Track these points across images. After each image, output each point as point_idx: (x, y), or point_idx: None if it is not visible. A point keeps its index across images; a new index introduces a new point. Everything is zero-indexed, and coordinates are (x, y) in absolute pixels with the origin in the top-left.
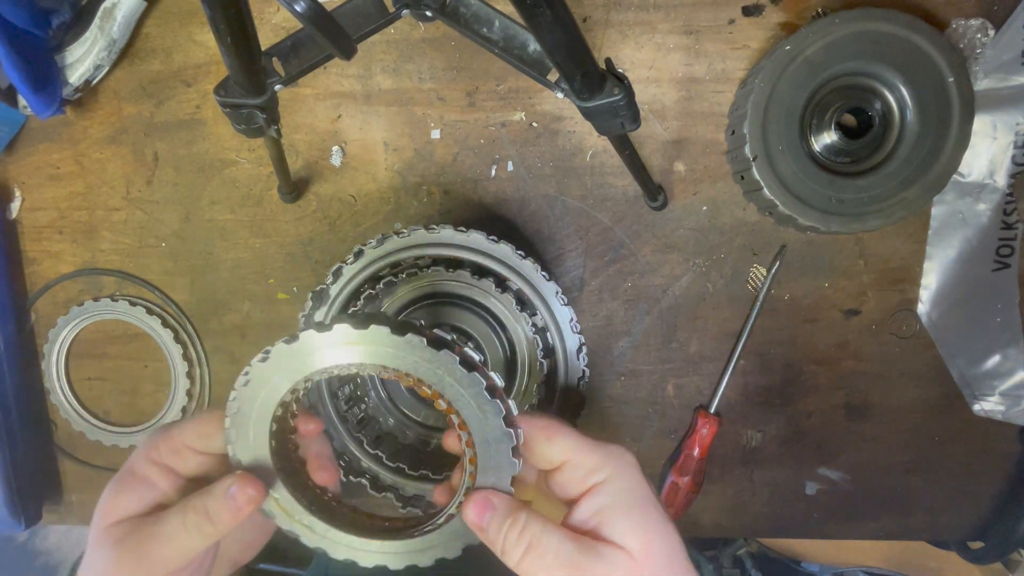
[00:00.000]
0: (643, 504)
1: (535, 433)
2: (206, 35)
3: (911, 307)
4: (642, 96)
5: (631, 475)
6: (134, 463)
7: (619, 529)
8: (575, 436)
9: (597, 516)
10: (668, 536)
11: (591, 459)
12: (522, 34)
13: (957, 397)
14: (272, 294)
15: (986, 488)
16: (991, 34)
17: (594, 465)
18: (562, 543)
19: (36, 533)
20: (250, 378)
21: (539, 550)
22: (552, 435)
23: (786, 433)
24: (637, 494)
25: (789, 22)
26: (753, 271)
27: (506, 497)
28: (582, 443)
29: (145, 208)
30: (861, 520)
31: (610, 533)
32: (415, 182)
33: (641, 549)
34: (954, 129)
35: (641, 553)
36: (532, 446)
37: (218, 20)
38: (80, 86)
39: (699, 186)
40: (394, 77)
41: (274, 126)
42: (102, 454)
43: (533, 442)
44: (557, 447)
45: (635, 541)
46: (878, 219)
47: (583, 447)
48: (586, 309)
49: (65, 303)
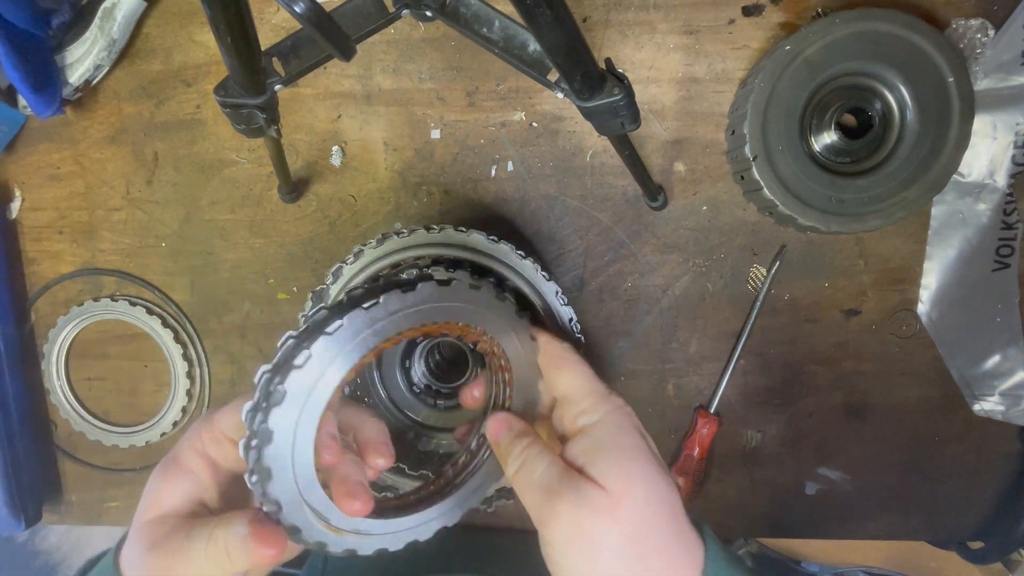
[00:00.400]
0: (631, 450)
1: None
2: (206, 35)
3: (911, 307)
4: (642, 96)
5: (622, 422)
6: (180, 451)
7: (600, 469)
8: (583, 373)
9: (584, 456)
10: (654, 484)
11: (588, 400)
12: (522, 34)
13: (957, 397)
14: (272, 294)
15: (986, 488)
16: (991, 34)
17: (588, 406)
18: (549, 468)
19: (36, 533)
20: (303, 366)
21: (528, 468)
22: (562, 365)
23: (786, 433)
24: (625, 441)
25: (789, 22)
26: (753, 271)
27: (523, 423)
28: (586, 382)
29: (145, 208)
30: (861, 520)
31: (593, 472)
32: (415, 182)
33: (620, 491)
34: (954, 129)
35: (619, 494)
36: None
37: (218, 20)
38: (80, 86)
39: (699, 186)
40: (394, 77)
41: (274, 126)
42: (102, 454)
43: (545, 367)
44: (564, 379)
45: (615, 483)
46: (878, 219)
47: (586, 386)
48: (586, 309)
49: (65, 303)
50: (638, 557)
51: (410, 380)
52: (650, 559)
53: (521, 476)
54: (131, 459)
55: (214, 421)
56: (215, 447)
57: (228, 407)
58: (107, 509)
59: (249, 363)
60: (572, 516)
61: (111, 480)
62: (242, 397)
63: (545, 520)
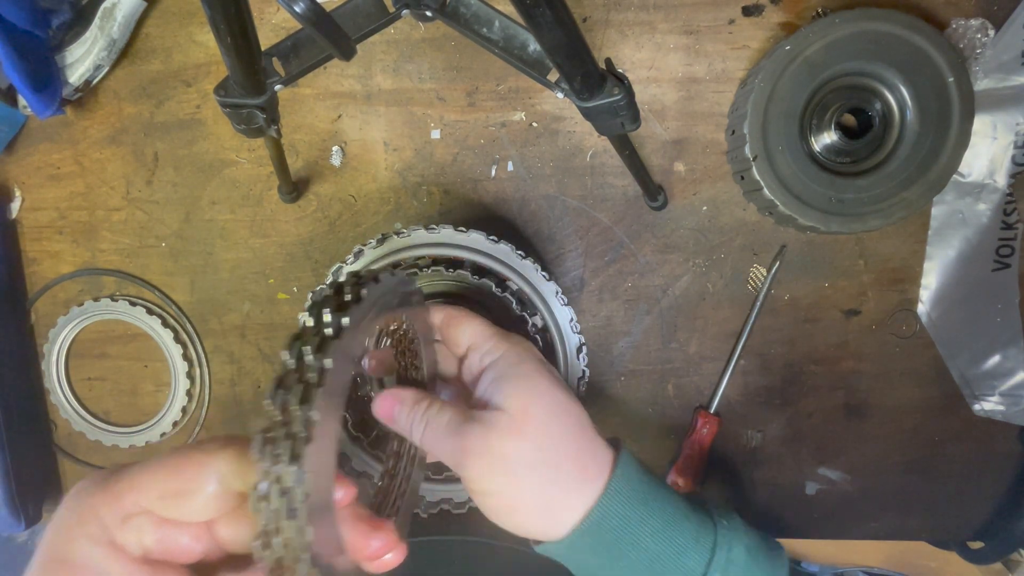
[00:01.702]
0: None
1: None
2: (206, 35)
3: (911, 307)
4: (642, 96)
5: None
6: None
7: (501, 395)
8: (480, 322)
9: (488, 389)
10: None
11: (490, 342)
12: (522, 34)
13: (957, 397)
14: (272, 294)
15: (986, 488)
16: (991, 34)
17: (491, 347)
18: (451, 417)
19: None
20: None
21: (433, 424)
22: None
23: (786, 433)
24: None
25: (789, 22)
26: (753, 271)
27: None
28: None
29: (145, 208)
30: (861, 520)
31: (495, 399)
32: (415, 182)
33: (520, 408)
34: (954, 129)
35: (519, 412)
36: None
37: (218, 20)
38: (80, 86)
39: (699, 186)
40: (394, 77)
41: (274, 126)
42: (102, 454)
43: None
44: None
45: (514, 402)
46: (878, 219)
47: (485, 331)
48: (586, 309)
49: (65, 303)
50: (551, 465)
51: None
52: (563, 465)
53: (428, 434)
54: (131, 459)
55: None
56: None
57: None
58: None
59: (249, 363)
60: (482, 444)
61: None
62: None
63: (460, 461)
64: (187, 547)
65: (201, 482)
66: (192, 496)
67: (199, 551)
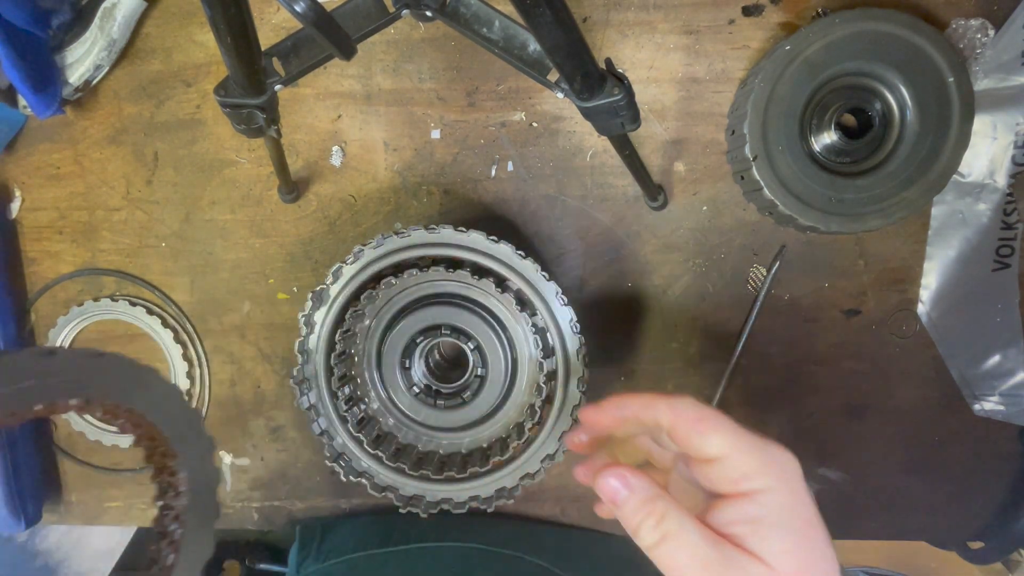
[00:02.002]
0: (805, 526)
1: (686, 425)
2: (206, 35)
3: (911, 307)
4: (642, 96)
5: (794, 488)
6: None
7: (772, 547)
8: (733, 431)
9: (747, 526)
10: (828, 563)
11: (749, 462)
12: (522, 34)
13: (957, 397)
14: (272, 294)
15: (986, 488)
16: (991, 34)
17: (752, 470)
18: (700, 542)
19: (36, 533)
20: None
21: (675, 543)
22: (705, 430)
23: (786, 433)
24: (799, 513)
25: (789, 22)
26: (753, 271)
27: (644, 480)
28: (741, 441)
29: (145, 208)
30: (861, 520)
31: (758, 547)
32: (415, 182)
33: (791, 571)
34: (954, 129)
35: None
36: (683, 439)
37: (218, 20)
38: (80, 86)
39: (699, 186)
40: (394, 77)
41: (274, 126)
42: (102, 454)
43: (684, 435)
44: (713, 443)
45: (788, 564)
46: (878, 219)
47: (742, 446)
48: (586, 309)
49: (65, 303)
50: None
51: (410, 380)
52: None
53: (666, 552)
54: (131, 459)
55: None
56: None
57: None
58: (107, 509)
59: (249, 363)
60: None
61: (111, 480)
62: None
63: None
64: None
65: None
66: None
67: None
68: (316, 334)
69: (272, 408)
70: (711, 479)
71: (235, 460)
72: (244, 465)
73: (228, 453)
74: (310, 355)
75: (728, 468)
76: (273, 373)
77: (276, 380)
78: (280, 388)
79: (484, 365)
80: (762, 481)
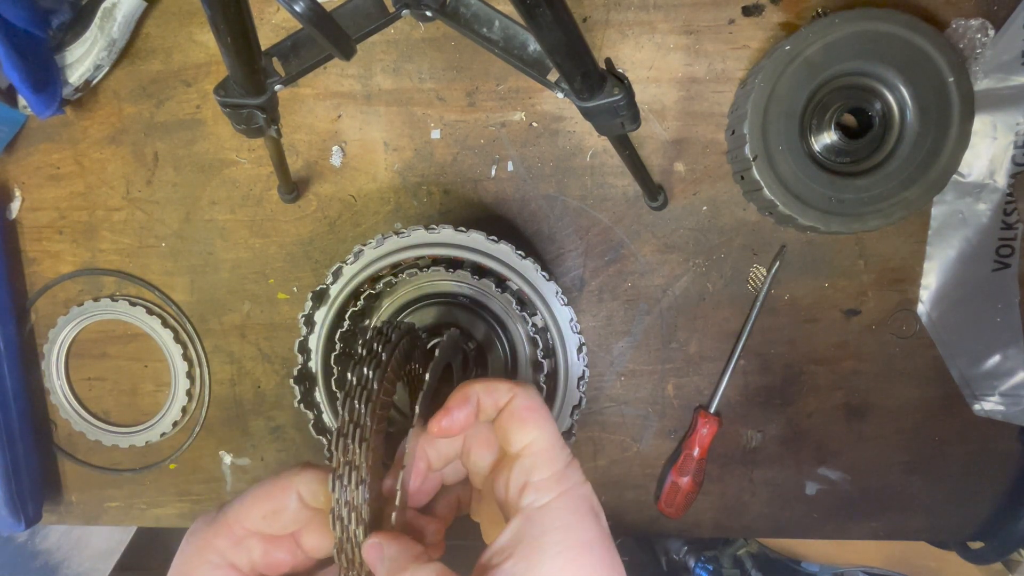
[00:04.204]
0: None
1: (514, 410)
2: (206, 35)
3: (911, 307)
4: (642, 96)
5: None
6: (188, 570)
7: (531, 567)
8: (551, 435)
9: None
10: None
11: (547, 470)
12: (522, 34)
13: (957, 397)
14: (272, 294)
15: (986, 488)
16: (991, 34)
17: (545, 479)
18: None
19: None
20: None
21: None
22: (528, 419)
23: (786, 433)
24: (574, 535)
25: (789, 22)
26: (753, 271)
27: (398, 548)
28: (552, 447)
29: (145, 208)
30: (861, 520)
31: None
32: (415, 182)
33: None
34: (954, 129)
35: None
36: (504, 423)
37: (218, 20)
38: (80, 86)
39: (699, 186)
40: (394, 77)
41: (274, 126)
42: (102, 454)
43: (506, 419)
44: (528, 435)
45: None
46: (878, 219)
47: (550, 452)
48: (586, 309)
49: (65, 303)
50: None
51: None
52: None
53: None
54: (131, 459)
55: (231, 522)
56: (236, 550)
57: (246, 499)
58: (107, 509)
59: (249, 363)
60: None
61: (111, 480)
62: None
63: None
64: (283, 560)
65: (287, 500)
66: (283, 512)
67: (291, 563)
68: (316, 334)
69: (272, 408)
70: (504, 486)
71: (235, 460)
72: (244, 465)
73: (228, 453)
74: (310, 355)
75: (522, 471)
76: (273, 373)
77: (276, 380)
78: (280, 388)
79: (484, 365)
80: (546, 495)
